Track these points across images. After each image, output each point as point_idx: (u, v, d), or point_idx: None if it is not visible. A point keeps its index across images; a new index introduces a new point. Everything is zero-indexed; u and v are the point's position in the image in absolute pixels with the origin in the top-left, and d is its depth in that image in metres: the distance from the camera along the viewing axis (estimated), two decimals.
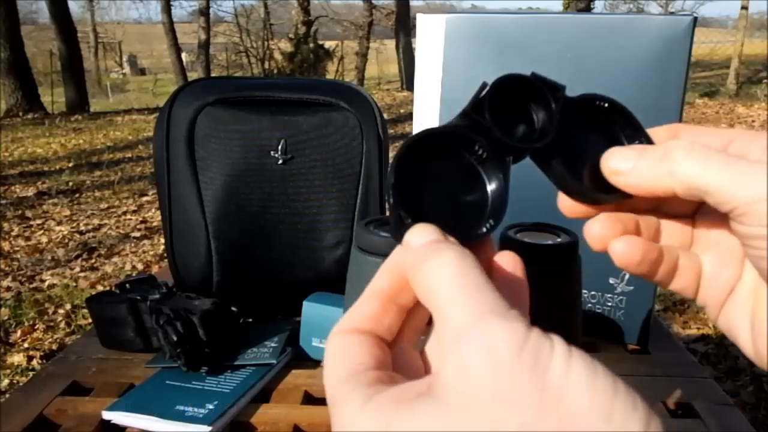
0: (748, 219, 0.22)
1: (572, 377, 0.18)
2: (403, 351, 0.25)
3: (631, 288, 0.66)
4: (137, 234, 3.32)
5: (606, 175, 0.26)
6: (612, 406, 0.17)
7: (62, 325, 2.25)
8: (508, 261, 0.25)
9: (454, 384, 0.19)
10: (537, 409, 0.17)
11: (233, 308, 0.66)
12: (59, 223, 3.54)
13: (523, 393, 0.18)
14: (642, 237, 0.27)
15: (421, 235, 0.23)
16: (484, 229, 0.24)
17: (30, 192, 4.30)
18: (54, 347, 2.08)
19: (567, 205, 0.28)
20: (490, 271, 0.25)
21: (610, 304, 0.67)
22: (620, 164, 0.26)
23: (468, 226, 0.24)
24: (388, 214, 0.26)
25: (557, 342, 0.19)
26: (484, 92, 0.25)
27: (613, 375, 0.18)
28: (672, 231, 0.28)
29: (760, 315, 0.25)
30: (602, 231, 0.27)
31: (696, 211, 0.28)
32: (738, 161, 0.23)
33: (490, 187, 0.25)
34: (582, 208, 0.28)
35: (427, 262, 0.21)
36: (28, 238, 3.27)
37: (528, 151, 0.26)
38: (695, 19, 0.59)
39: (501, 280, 0.25)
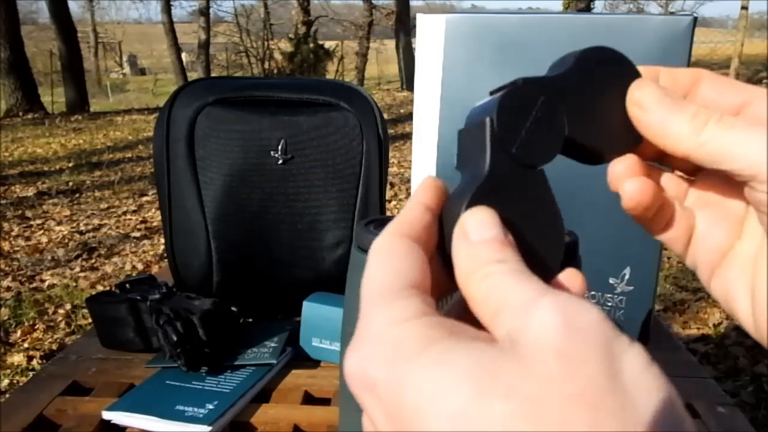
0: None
1: (648, 378, 0.16)
2: None
3: (631, 288, 0.66)
4: (137, 234, 3.32)
5: (629, 104, 0.25)
6: (672, 403, 0.16)
7: (62, 325, 2.25)
8: (570, 281, 0.23)
9: (514, 338, 0.17)
10: (601, 383, 0.16)
11: (233, 308, 0.66)
12: (59, 223, 3.54)
13: (591, 361, 0.16)
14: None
15: (481, 228, 0.20)
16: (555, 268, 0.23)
17: (30, 192, 4.30)
18: (54, 347, 2.08)
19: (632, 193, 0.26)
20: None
21: (610, 304, 0.67)
22: (649, 100, 0.25)
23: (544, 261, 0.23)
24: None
25: (637, 344, 0.17)
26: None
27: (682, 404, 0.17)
28: (668, 181, 0.27)
29: (761, 287, 0.24)
30: (625, 170, 0.26)
31: (697, 169, 0.27)
32: (759, 129, 0.22)
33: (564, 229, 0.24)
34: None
35: (494, 276, 0.19)
36: (28, 238, 3.27)
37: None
38: (695, 19, 0.59)
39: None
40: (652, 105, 0.24)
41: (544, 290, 0.18)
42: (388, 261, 0.20)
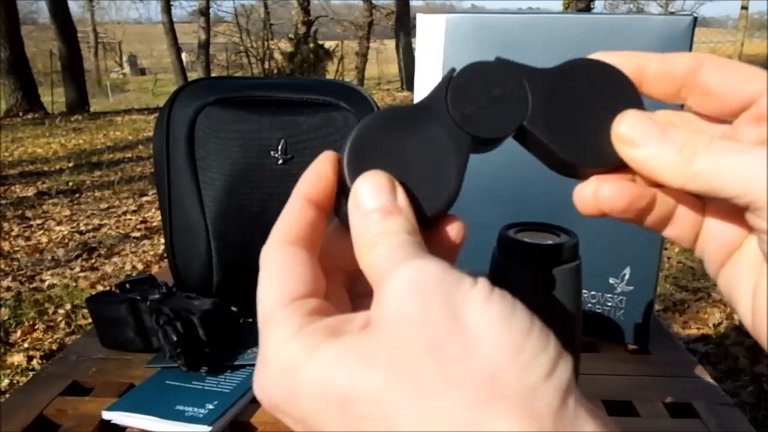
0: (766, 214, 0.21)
1: (489, 310, 0.18)
2: (331, 285, 0.24)
3: (631, 288, 0.66)
4: (137, 234, 3.32)
5: (614, 139, 0.24)
6: (522, 344, 0.17)
7: (62, 325, 2.25)
8: (452, 231, 0.24)
9: (375, 318, 0.19)
10: (445, 333, 0.17)
11: (233, 308, 0.66)
12: (59, 223, 3.54)
13: (433, 316, 0.18)
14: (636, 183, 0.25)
15: (373, 195, 0.22)
16: (436, 212, 0.24)
17: (30, 192, 4.30)
18: (54, 347, 2.08)
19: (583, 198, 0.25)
20: (434, 234, 0.24)
21: (610, 304, 0.67)
22: (635, 135, 0.23)
23: (421, 206, 0.23)
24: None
25: (481, 280, 0.19)
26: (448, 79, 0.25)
27: (531, 316, 0.18)
28: None
29: (762, 292, 0.24)
30: (595, 192, 0.25)
31: None
32: (758, 154, 0.21)
33: (454, 169, 0.24)
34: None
35: (376, 249, 0.21)
36: (28, 238, 3.27)
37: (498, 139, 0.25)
38: (695, 19, 0.59)
39: (440, 247, 0.24)
40: (637, 139, 0.23)
41: (403, 259, 0.20)
42: (270, 278, 0.22)
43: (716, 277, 0.26)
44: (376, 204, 0.22)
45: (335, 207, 0.24)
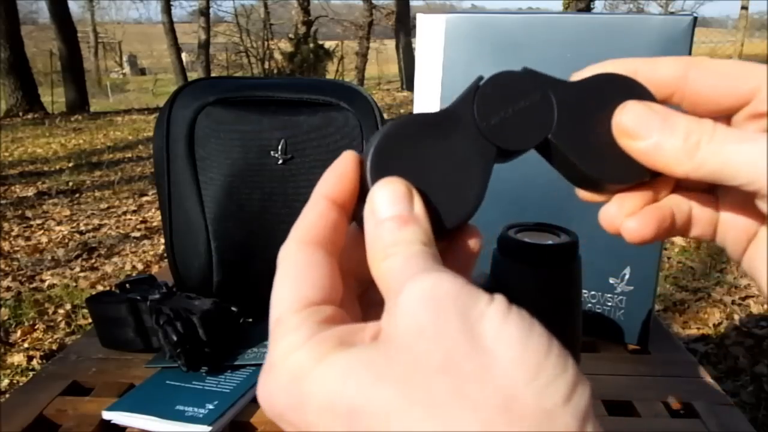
0: None
1: (506, 328, 0.17)
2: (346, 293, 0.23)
3: (631, 288, 0.66)
4: (137, 234, 3.32)
5: (616, 131, 0.24)
6: (540, 366, 0.17)
7: (62, 325, 2.25)
8: (471, 241, 0.24)
9: (387, 330, 0.19)
10: (461, 350, 0.17)
11: (233, 308, 0.66)
12: (59, 223, 3.53)
13: (449, 332, 0.17)
14: (656, 200, 0.25)
15: (389, 203, 0.21)
16: (456, 224, 0.23)
17: (30, 192, 4.30)
18: (54, 347, 2.08)
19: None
20: (452, 244, 0.24)
21: (610, 304, 0.67)
22: (637, 125, 0.23)
23: (440, 217, 0.23)
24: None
25: (498, 297, 0.18)
26: (474, 88, 0.24)
27: (549, 336, 0.17)
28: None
29: None
30: (619, 211, 0.25)
31: None
32: (753, 140, 0.21)
33: (477, 180, 0.24)
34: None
35: (389, 258, 0.20)
36: (28, 238, 3.27)
37: (518, 152, 0.25)
38: (695, 19, 0.59)
39: (457, 257, 0.24)
40: (639, 130, 0.23)
41: (417, 271, 0.19)
42: (287, 280, 0.21)
43: (740, 261, 0.26)
44: (392, 212, 0.21)
45: (354, 211, 0.24)
